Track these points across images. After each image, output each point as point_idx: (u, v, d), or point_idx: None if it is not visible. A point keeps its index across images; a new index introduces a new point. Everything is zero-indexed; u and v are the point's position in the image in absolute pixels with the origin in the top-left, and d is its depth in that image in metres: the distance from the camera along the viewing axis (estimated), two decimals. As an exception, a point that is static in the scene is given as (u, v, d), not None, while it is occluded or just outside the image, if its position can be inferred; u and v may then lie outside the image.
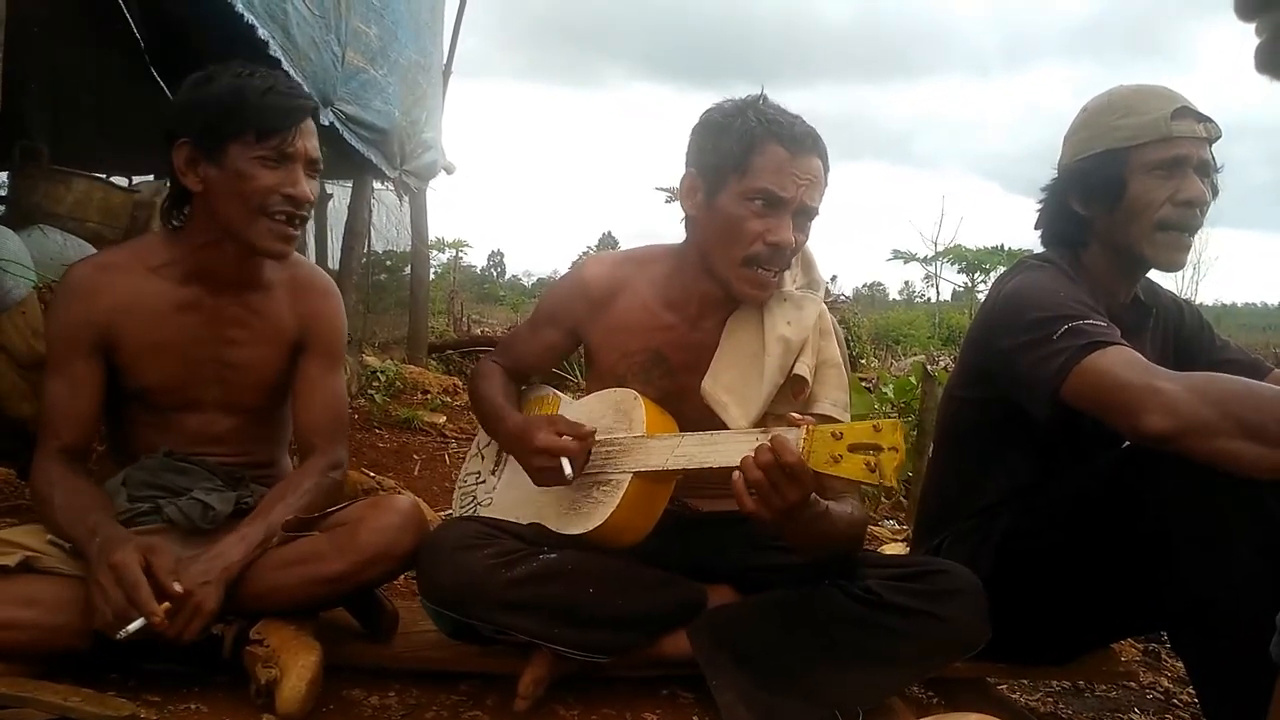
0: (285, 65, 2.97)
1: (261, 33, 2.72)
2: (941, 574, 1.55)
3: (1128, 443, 1.51)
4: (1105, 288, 1.69)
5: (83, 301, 1.60)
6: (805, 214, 1.58)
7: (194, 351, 1.64)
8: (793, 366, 1.60)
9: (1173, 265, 1.66)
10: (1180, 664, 2.20)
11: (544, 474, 1.54)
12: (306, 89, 3.25)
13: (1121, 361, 1.43)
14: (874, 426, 1.28)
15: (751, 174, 1.53)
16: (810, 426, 1.31)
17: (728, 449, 1.41)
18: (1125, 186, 1.62)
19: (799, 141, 1.54)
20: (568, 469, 1.50)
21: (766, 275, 1.57)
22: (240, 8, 2.55)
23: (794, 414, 1.36)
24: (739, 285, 1.59)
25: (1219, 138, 1.63)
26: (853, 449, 1.28)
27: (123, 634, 1.34)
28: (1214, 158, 1.64)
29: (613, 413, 1.60)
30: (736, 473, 1.32)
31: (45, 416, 1.60)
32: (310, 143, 1.60)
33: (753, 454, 1.31)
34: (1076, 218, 1.69)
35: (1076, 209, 1.69)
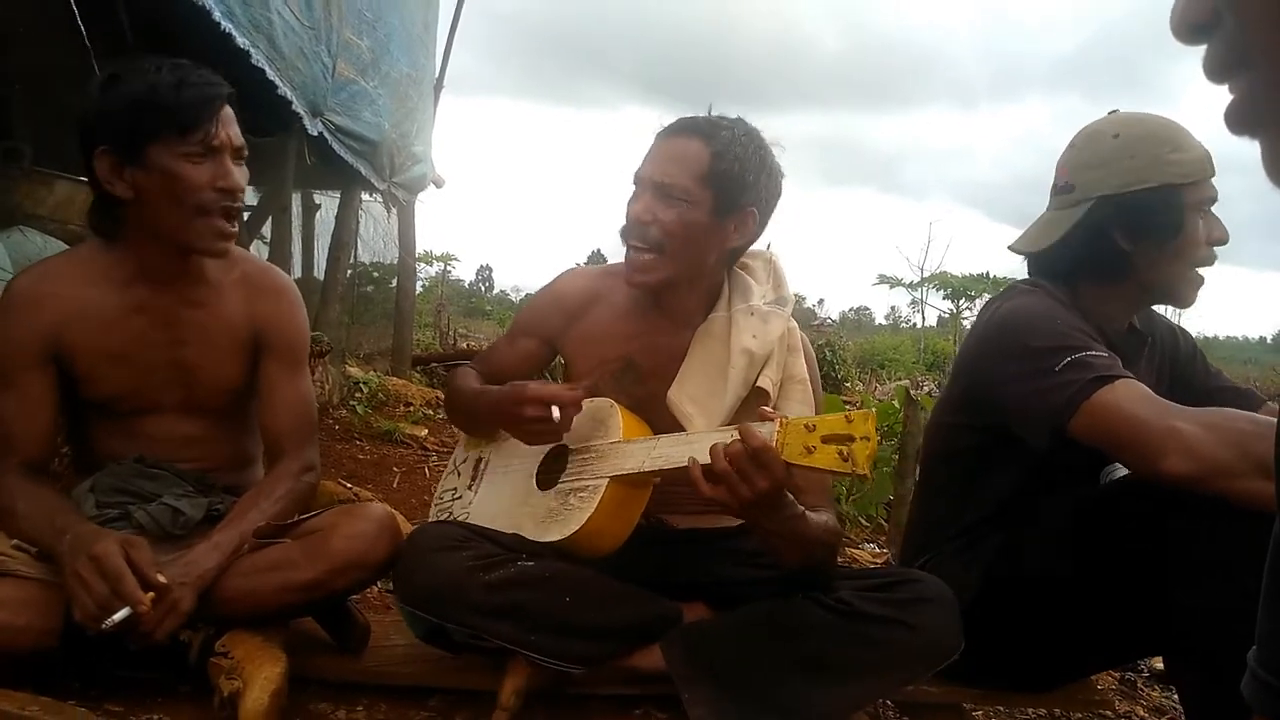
0: (270, 74, 2.97)
1: (240, 42, 2.70)
2: (913, 583, 1.55)
3: (1116, 465, 1.49)
4: (1103, 315, 1.64)
5: (26, 315, 1.55)
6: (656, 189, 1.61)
7: (147, 355, 1.61)
8: (756, 379, 1.61)
9: (1191, 302, 1.64)
10: (1155, 694, 2.21)
11: (533, 424, 1.53)
12: (292, 97, 3.25)
13: (1133, 398, 1.40)
14: (846, 417, 1.29)
15: None
16: (783, 420, 1.32)
17: (704, 447, 1.41)
18: (1182, 225, 1.57)
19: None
20: (556, 414, 1.50)
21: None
22: (218, 16, 2.53)
23: (766, 409, 1.36)
24: None
25: None
26: (826, 440, 1.28)
27: (107, 624, 1.32)
28: None
29: (589, 422, 1.59)
30: (692, 459, 1.33)
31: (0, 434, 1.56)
32: (233, 130, 1.54)
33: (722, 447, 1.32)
34: (1116, 251, 1.60)
35: (1121, 243, 1.59)
